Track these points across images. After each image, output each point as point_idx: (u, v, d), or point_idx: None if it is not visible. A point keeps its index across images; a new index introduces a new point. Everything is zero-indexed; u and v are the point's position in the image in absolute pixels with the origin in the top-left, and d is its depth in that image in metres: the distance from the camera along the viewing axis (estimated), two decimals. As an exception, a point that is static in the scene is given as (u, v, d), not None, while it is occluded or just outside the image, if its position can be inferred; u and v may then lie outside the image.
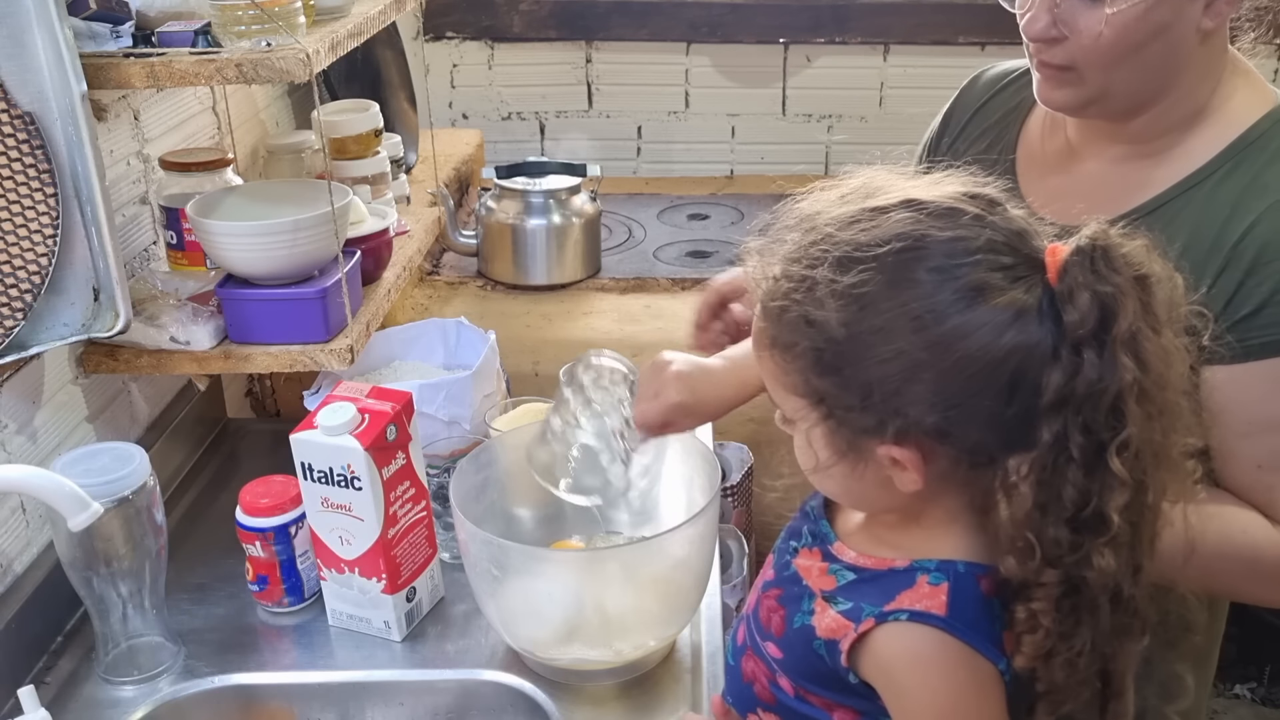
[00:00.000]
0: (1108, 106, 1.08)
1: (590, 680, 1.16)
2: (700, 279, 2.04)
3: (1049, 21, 1.03)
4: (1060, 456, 0.76)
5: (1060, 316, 0.75)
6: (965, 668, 0.81)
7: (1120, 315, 0.74)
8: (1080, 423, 0.75)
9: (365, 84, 1.98)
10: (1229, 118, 1.08)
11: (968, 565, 0.82)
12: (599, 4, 2.51)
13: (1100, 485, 0.76)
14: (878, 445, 0.80)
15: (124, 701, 1.15)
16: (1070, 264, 0.76)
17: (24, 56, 1.07)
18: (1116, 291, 0.75)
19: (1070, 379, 0.74)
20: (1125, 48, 1.02)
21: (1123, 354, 0.74)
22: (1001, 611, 0.82)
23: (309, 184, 1.48)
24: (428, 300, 1.99)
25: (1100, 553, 0.77)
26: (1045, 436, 0.75)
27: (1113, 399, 0.75)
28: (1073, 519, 0.77)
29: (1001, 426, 0.77)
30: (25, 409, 1.24)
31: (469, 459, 1.23)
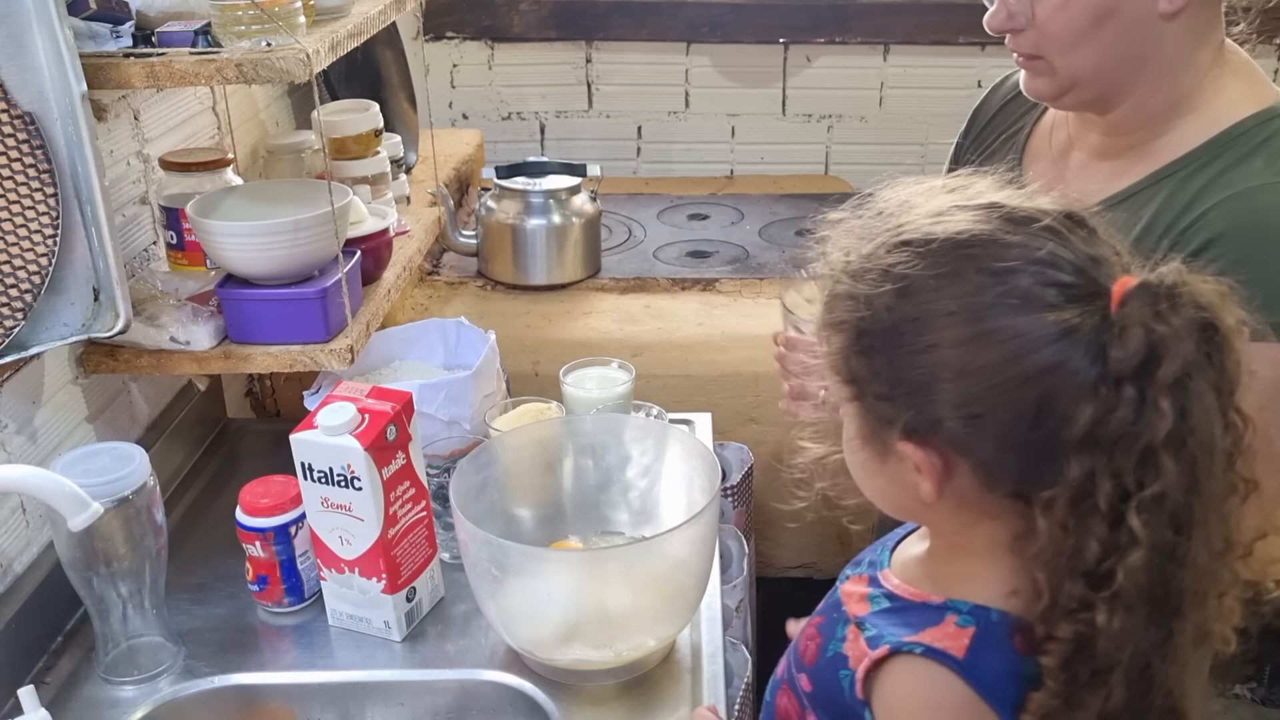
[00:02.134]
0: (1083, 93, 1.11)
1: (590, 680, 1.16)
2: (700, 279, 2.05)
3: (1006, 14, 1.09)
4: (1085, 502, 0.71)
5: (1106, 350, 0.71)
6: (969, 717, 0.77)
7: (1167, 358, 0.69)
8: (1109, 468, 0.70)
9: (365, 84, 1.98)
10: (1215, 113, 1.09)
11: (1003, 615, 0.78)
12: (599, 4, 2.51)
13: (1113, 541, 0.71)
14: (899, 441, 0.77)
15: (124, 701, 1.15)
16: (1132, 296, 0.71)
17: (24, 56, 1.07)
18: (1170, 333, 0.70)
19: (1103, 416, 0.70)
20: (1076, 30, 1.06)
21: (1163, 400, 0.69)
22: (1035, 669, 0.76)
23: (309, 184, 1.48)
24: (428, 300, 1.99)
25: (1102, 609, 0.71)
26: (1074, 473, 0.71)
27: (1143, 447, 0.69)
28: (1090, 573, 0.72)
29: (1024, 450, 0.73)
30: (25, 409, 1.24)
31: (469, 459, 1.23)
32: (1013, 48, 1.12)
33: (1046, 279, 0.72)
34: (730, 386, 1.83)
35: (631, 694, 1.16)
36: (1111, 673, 0.73)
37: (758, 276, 2.05)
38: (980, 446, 0.75)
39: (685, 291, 2.03)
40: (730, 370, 1.83)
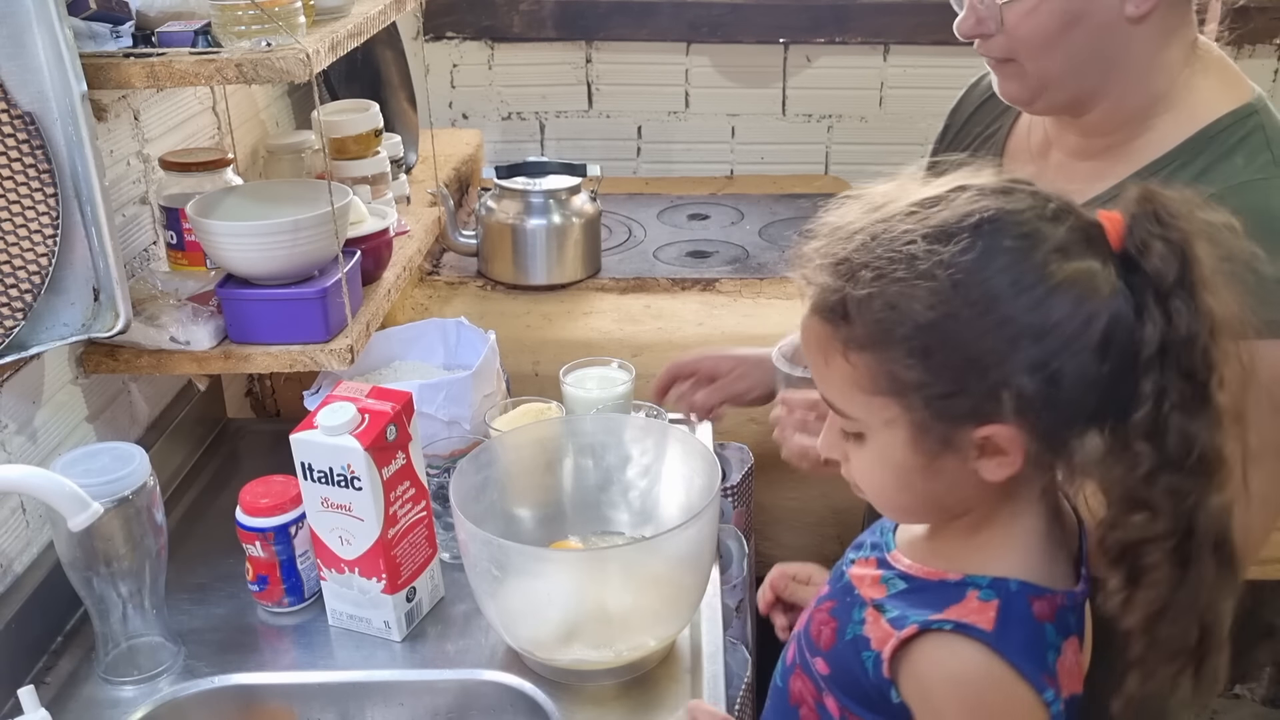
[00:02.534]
0: (1055, 97, 1.12)
1: (590, 680, 1.16)
2: (700, 279, 2.05)
3: (975, 19, 1.10)
4: (1165, 406, 0.75)
5: (1137, 272, 0.76)
6: (1005, 691, 0.79)
7: (1195, 261, 0.75)
8: (1180, 370, 0.75)
9: (365, 84, 1.98)
10: (1192, 111, 1.09)
11: (1021, 585, 0.81)
12: (599, 4, 2.51)
13: (1206, 425, 0.76)
14: (974, 429, 0.77)
15: (124, 701, 1.15)
16: (1136, 220, 0.77)
17: (24, 56, 1.07)
18: (1186, 235, 0.76)
19: (1165, 328, 0.75)
20: (1043, 36, 1.07)
21: (1206, 295, 0.75)
22: (1056, 638, 0.80)
23: (309, 184, 1.48)
24: (428, 300, 1.99)
25: (1218, 490, 0.77)
26: (1147, 389, 0.75)
27: (1206, 339, 0.75)
28: (1181, 465, 0.76)
29: (1098, 386, 0.76)
30: (25, 409, 1.24)
31: (469, 459, 1.23)
32: (983, 52, 1.13)
33: (1066, 229, 0.77)
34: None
35: (631, 694, 1.16)
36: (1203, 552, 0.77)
37: (758, 276, 2.05)
38: (1062, 398, 0.76)
39: (685, 291, 2.03)
40: (730, 370, 1.83)
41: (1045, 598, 0.81)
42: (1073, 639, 0.83)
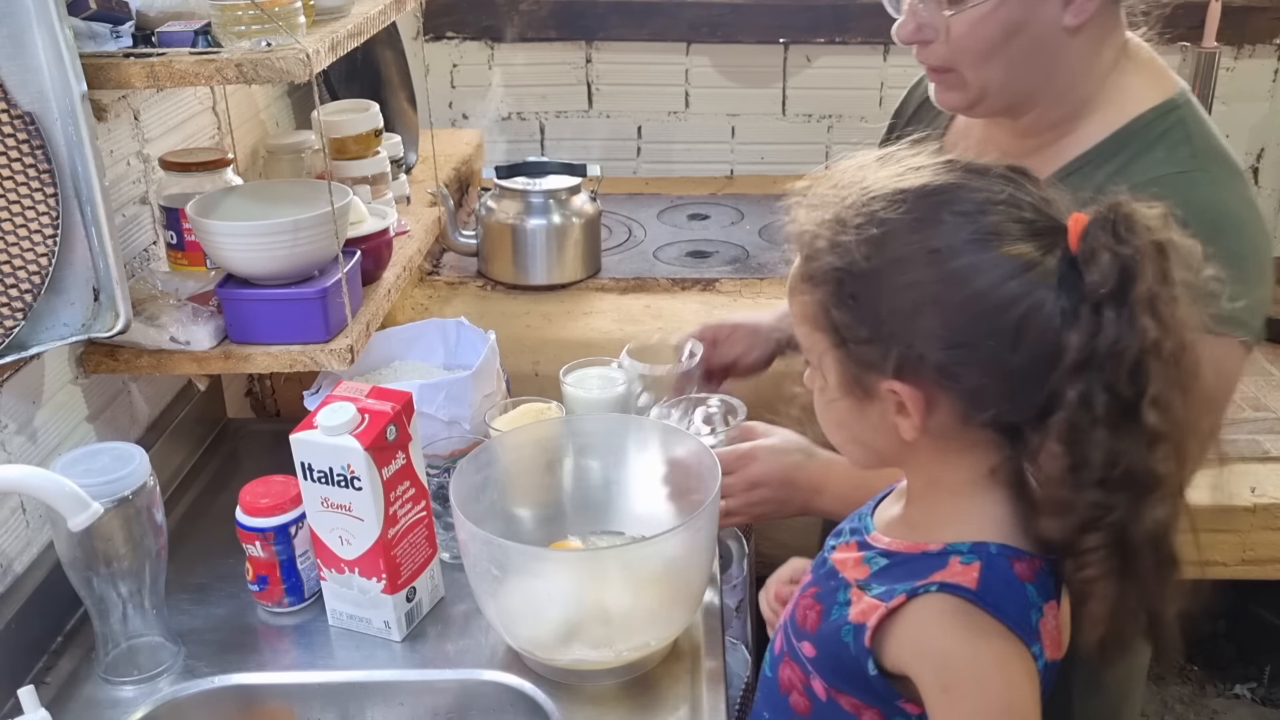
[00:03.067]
0: (993, 104, 1.13)
1: (590, 680, 1.16)
2: (700, 279, 2.05)
3: (914, 26, 1.11)
4: (1085, 417, 0.77)
5: (1080, 278, 0.77)
6: (993, 642, 0.82)
7: (1140, 277, 0.76)
8: (1103, 382, 0.77)
9: (365, 84, 1.98)
10: (1119, 106, 1.11)
11: (1000, 547, 0.84)
12: (599, 4, 2.51)
13: (1134, 443, 0.77)
14: (882, 381, 0.82)
15: (124, 701, 1.15)
16: (1092, 227, 0.78)
17: (24, 56, 1.07)
18: (1136, 254, 0.77)
19: (1091, 338, 0.76)
20: (984, 46, 1.08)
21: (1143, 314, 0.76)
22: (1038, 599, 0.83)
23: (309, 184, 1.48)
24: (428, 300, 1.99)
25: (1154, 506, 0.79)
26: (1070, 396, 0.77)
27: (1135, 358, 0.76)
28: (1103, 480, 0.78)
29: (1005, 375, 0.79)
30: (25, 409, 1.24)
31: (469, 459, 1.23)
32: (922, 59, 1.14)
33: (1012, 216, 0.80)
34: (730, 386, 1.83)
35: (631, 694, 1.16)
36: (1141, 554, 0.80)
37: (758, 276, 2.05)
38: (964, 376, 0.80)
39: (685, 291, 2.03)
40: (730, 370, 1.83)
41: (1025, 559, 0.84)
42: (1052, 603, 0.85)
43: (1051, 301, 0.78)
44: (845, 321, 0.83)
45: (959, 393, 0.81)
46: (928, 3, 1.09)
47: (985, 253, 0.79)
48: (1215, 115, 2.73)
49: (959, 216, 0.80)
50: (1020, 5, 1.06)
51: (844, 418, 0.88)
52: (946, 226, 0.80)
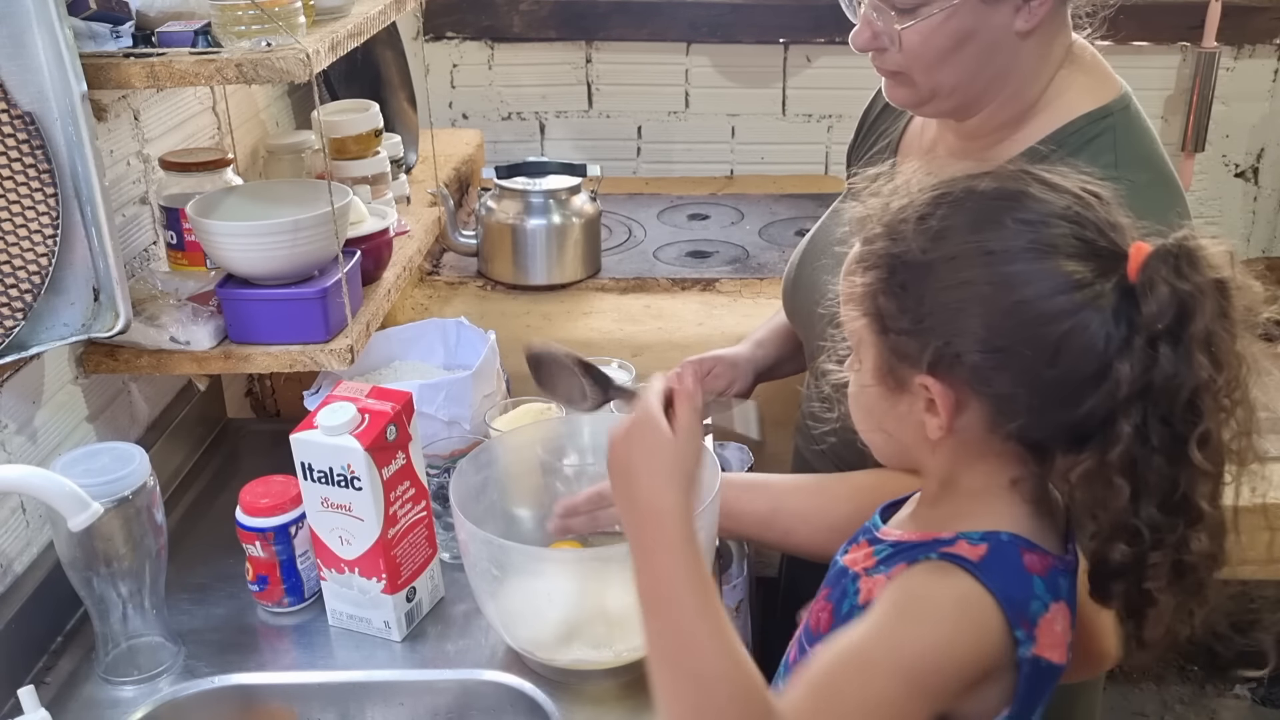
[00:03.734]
0: (943, 104, 1.14)
1: (590, 680, 1.16)
2: (700, 279, 2.05)
3: (870, 35, 1.11)
4: (1142, 447, 0.77)
5: (1136, 309, 0.77)
6: (970, 599, 0.80)
7: (1198, 314, 0.76)
8: (1159, 415, 0.77)
9: (365, 84, 1.98)
10: (1059, 110, 1.13)
11: (1013, 537, 0.83)
12: (599, 4, 2.51)
13: (1185, 474, 0.78)
14: (916, 375, 0.82)
15: (124, 701, 1.15)
16: (1153, 260, 0.77)
17: (24, 56, 1.07)
18: (1196, 291, 0.76)
19: (1146, 371, 0.76)
20: (936, 54, 1.09)
21: (1199, 352, 0.76)
22: (1045, 594, 0.82)
23: (309, 184, 1.48)
24: (428, 300, 1.99)
25: (1197, 538, 0.79)
26: (1126, 429, 0.77)
27: (1189, 395, 0.76)
28: (1163, 504, 0.79)
29: (1037, 388, 0.79)
30: (25, 409, 1.24)
31: (469, 459, 1.23)
32: (877, 64, 1.15)
33: (1074, 233, 0.79)
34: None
35: (631, 694, 1.16)
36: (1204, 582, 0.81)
37: (758, 276, 2.05)
38: (996, 381, 0.80)
39: (685, 291, 2.03)
40: (730, 370, 1.83)
41: (1037, 553, 0.83)
42: (1062, 606, 0.84)
43: (1098, 325, 0.77)
44: (890, 310, 0.83)
45: (989, 398, 0.81)
46: (882, 13, 1.09)
47: (1039, 263, 0.78)
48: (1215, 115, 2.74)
49: (1020, 224, 0.80)
50: (971, 14, 1.06)
51: (873, 405, 0.88)
52: (1006, 231, 0.80)
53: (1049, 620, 0.82)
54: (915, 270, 0.82)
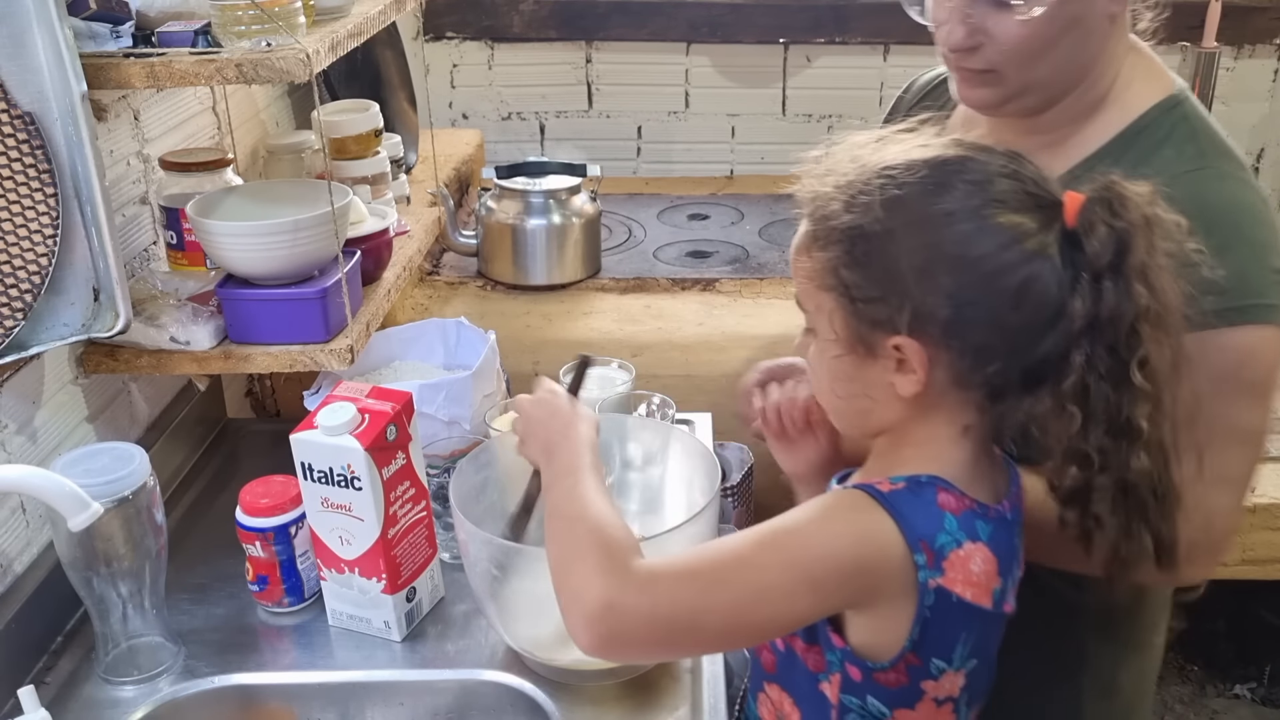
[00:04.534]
0: (1027, 101, 1.11)
1: (590, 680, 1.16)
2: (700, 279, 2.05)
3: (965, 32, 1.07)
4: (1093, 376, 0.84)
5: (1080, 250, 0.83)
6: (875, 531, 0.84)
7: (1134, 248, 0.83)
8: (1105, 345, 0.83)
9: (365, 84, 1.98)
10: (1125, 105, 1.11)
11: (932, 478, 0.87)
12: (599, 4, 2.51)
13: (1128, 398, 0.84)
14: (887, 338, 0.86)
15: (124, 701, 1.15)
16: (1089, 204, 0.84)
17: (24, 56, 1.07)
18: (1130, 227, 0.83)
19: (1094, 305, 0.83)
20: (1041, 46, 1.06)
21: (1137, 282, 0.83)
22: (958, 532, 0.86)
23: (309, 184, 1.48)
24: (428, 300, 1.99)
25: (1136, 456, 0.85)
26: (1078, 360, 0.83)
27: (1131, 322, 0.83)
28: (1110, 428, 0.85)
29: (1005, 333, 0.84)
30: (25, 409, 1.24)
31: (469, 459, 1.23)
32: (964, 64, 1.09)
33: (1015, 188, 0.85)
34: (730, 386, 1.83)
35: (631, 694, 1.16)
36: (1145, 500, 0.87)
37: (758, 276, 2.05)
38: (971, 332, 0.84)
39: (685, 291, 2.03)
40: (730, 370, 1.83)
41: (954, 494, 0.87)
42: (982, 549, 0.87)
43: (1050, 270, 0.83)
44: (855, 280, 0.86)
45: (962, 349, 0.85)
46: (979, 7, 1.05)
47: (993, 219, 0.84)
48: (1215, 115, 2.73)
49: (969, 184, 0.85)
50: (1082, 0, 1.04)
51: (842, 373, 0.90)
52: (958, 192, 0.85)
53: (961, 557, 0.85)
54: (876, 240, 0.85)
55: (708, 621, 0.84)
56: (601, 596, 0.83)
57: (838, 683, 0.89)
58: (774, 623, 0.87)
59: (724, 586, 0.84)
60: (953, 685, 0.89)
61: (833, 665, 0.89)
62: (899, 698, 0.88)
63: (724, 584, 0.84)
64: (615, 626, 0.83)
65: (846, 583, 0.85)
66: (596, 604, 0.83)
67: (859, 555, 0.84)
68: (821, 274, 0.89)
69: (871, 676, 0.87)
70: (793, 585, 0.84)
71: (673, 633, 0.84)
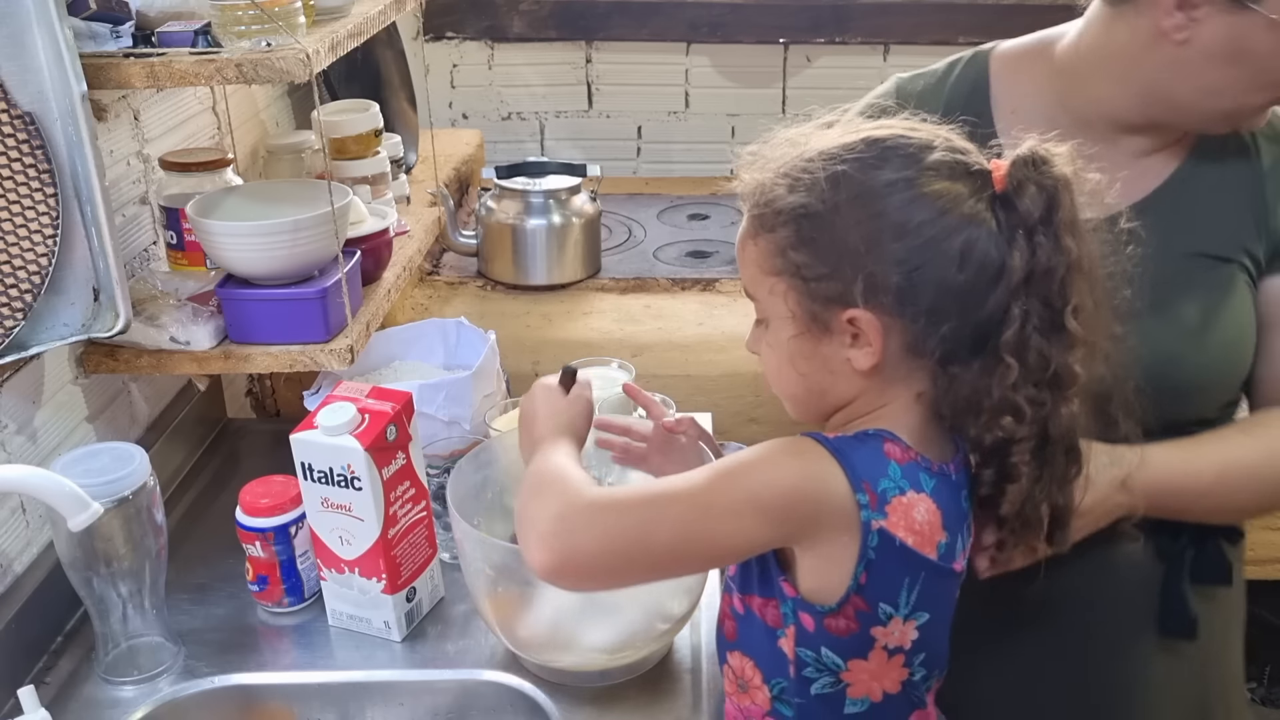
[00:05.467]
0: None
1: (590, 681, 1.16)
2: (700, 279, 2.05)
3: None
4: (1029, 328, 0.88)
5: (1014, 209, 0.88)
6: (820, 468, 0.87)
7: (1062, 202, 0.88)
8: (1040, 297, 0.87)
9: (365, 84, 1.98)
10: None
11: (879, 431, 0.90)
12: (599, 4, 2.51)
13: (1060, 347, 0.88)
14: (841, 311, 0.88)
15: (124, 701, 1.15)
16: (1016, 167, 0.89)
17: (24, 56, 1.07)
18: (1057, 185, 0.88)
19: (1030, 260, 0.87)
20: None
21: (1066, 235, 0.88)
22: (901, 480, 0.88)
23: (309, 184, 1.48)
24: (428, 300, 1.99)
25: (1069, 401, 0.90)
26: (1015, 313, 0.87)
27: (1063, 273, 0.87)
28: (1040, 380, 0.89)
29: (953, 294, 0.87)
30: (25, 409, 1.24)
31: (468, 459, 1.23)
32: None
33: (947, 159, 0.89)
34: (730, 386, 1.83)
35: (631, 694, 1.16)
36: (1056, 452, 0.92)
37: (758, 276, 2.05)
38: (922, 297, 0.87)
39: (685, 291, 2.03)
40: (730, 370, 1.83)
41: (900, 445, 0.90)
42: (926, 500, 0.89)
43: (987, 233, 0.87)
44: (805, 260, 0.89)
45: (915, 314, 0.87)
46: None
47: (930, 186, 0.87)
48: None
49: (904, 158, 0.89)
50: None
51: (797, 355, 0.92)
52: (894, 164, 0.89)
53: (905, 503, 0.88)
54: (821, 219, 0.88)
55: (657, 538, 0.87)
56: (555, 517, 0.88)
57: (793, 635, 0.91)
58: (722, 542, 0.88)
59: (673, 503, 0.88)
60: (903, 636, 0.90)
61: (787, 618, 0.91)
62: (851, 647, 0.90)
63: (675, 500, 0.88)
64: (567, 544, 0.86)
65: (791, 509, 0.87)
66: (549, 524, 0.87)
67: (803, 486, 0.87)
68: (770, 257, 0.92)
69: (823, 624, 0.89)
70: (739, 505, 0.86)
71: (623, 551, 0.87)
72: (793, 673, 0.92)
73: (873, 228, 0.87)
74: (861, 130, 0.92)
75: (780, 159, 0.93)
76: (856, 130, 0.92)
